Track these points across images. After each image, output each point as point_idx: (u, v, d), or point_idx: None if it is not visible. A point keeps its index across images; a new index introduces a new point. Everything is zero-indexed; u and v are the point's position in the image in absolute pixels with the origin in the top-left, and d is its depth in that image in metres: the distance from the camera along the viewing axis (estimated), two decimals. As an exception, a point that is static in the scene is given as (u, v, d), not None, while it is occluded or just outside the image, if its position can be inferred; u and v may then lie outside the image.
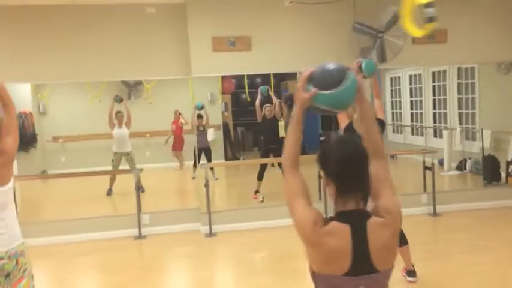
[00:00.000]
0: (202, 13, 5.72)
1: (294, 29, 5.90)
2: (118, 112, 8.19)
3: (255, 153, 11.82)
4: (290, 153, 1.75)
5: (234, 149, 10.68)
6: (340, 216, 1.62)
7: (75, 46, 5.74)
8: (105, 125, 9.35)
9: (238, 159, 10.65)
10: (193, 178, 9.17)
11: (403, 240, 3.94)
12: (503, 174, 7.20)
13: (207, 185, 5.86)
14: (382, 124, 4.08)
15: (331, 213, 1.70)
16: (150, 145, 9.78)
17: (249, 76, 9.22)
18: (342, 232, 1.58)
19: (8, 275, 2.49)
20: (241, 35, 5.75)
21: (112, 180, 7.91)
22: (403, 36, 5.53)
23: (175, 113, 9.62)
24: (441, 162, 8.40)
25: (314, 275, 1.66)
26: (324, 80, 1.67)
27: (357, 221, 1.60)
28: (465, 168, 8.23)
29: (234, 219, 6.06)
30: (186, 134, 9.52)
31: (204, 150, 8.80)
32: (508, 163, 7.19)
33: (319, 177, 6.16)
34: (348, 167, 1.61)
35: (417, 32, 4.07)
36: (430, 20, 3.87)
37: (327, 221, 1.63)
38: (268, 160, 7.26)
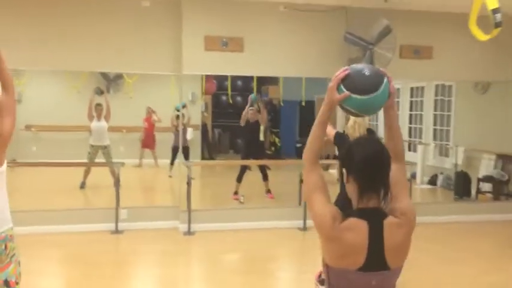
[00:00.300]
0: (196, 11, 5.71)
1: (286, 34, 5.96)
2: (98, 105, 8.07)
3: (231, 156, 11.84)
4: (312, 147, 1.77)
5: (210, 150, 10.66)
6: (359, 213, 1.66)
7: (62, 34, 5.61)
8: (81, 117, 9.15)
9: (214, 160, 10.63)
10: (170, 176, 9.12)
11: None
12: (473, 191, 7.47)
13: (188, 183, 5.83)
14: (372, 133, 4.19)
15: (311, 220, 1.73)
16: (125, 140, 9.61)
17: (231, 78, 9.23)
18: (360, 228, 1.62)
19: None
20: (234, 36, 5.77)
21: (86, 173, 7.75)
22: (392, 49, 5.69)
23: (148, 110, 9.52)
24: (414, 176, 8.63)
25: (328, 269, 1.69)
26: (360, 84, 1.63)
27: (374, 218, 1.64)
28: (436, 183, 8.48)
29: (213, 218, 6.05)
30: (161, 132, 9.46)
31: (182, 148, 8.76)
32: (479, 180, 7.47)
33: (300, 181, 6.26)
34: (372, 166, 1.65)
35: (483, 37, 4.15)
36: (498, 25, 3.93)
37: (345, 216, 1.66)
38: (250, 162, 7.28)
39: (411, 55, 6.16)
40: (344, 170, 1.71)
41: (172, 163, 9.09)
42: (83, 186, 7.76)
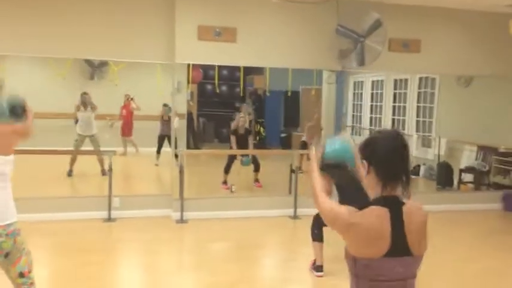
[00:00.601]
0: (190, 0, 5.70)
1: (279, 26, 6.02)
2: (84, 93, 7.95)
3: (215, 145, 11.88)
4: (321, 189, 1.89)
5: (195, 139, 10.68)
6: (379, 201, 1.74)
7: (52, 20, 5.53)
8: (66, 104, 9.06)
9: (199, 149, 10.65)
10: (157, 165, 9.12)
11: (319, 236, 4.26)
12: (455, 181, 7.71)
13: (181, 172, 5.88)
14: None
15: (303, 207, 1.84)
16: (110, 128, 9.53)
17: (217, 67, 9.25)
18: (381, 214, 1.69)
19: (7, 255, 2.46)
20: (227, 26, 5.79)
21: (73, 161, 7.69)
22: (382, 42, 5.81)
23: (127, 98, 9.46)
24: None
25: (355, 261, 1.74)
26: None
27: (394, 205, 1.72)
28: (419, 174, 8.71)
29: (205, 207, 6.11)
30: (147, 120, 9.43)
31: (167, 137, 8.77)
32: (461, 170, 7.73)
33: (291, 171, 6.38)
34: (395, 159, 1.73)
35: None
36: None
37: (363, 207, 1.75)
38: (240, 151, 7.34)
39: (400, 48, 6.30)
40: (365, 162, 1.79)
41: (158, 152, 9.10)
42: (70, 174, 7.71)
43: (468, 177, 7.73)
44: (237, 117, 7.67)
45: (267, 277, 4.51)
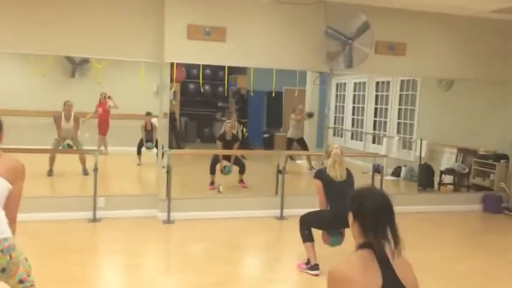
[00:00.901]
0: (180, -1, 5.67)
1: (268, 26, 6.03)
2: (66, 102, 7.72)
3: (198, 145, 11.84)
4: None
5: (178, 139, 10.61)
6: (363, 246, 1.79)
7: (36, 16, 5.41)
8: (46, 101, 8.90)
9: (181, 149, 10.58)
10: (139, 165, 9.03)
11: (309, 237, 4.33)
12: (436, 183, 7.87)
13: (169, 172, 5.83)
14: None
15: (289, 208, 1.85)
16: (91, 126, 9.37)
17: (199, 67, 9.25)
18: (367, 254, 1.75)
19: (3, 270, 2.42)
20: (217, 26, 5.77)
21: (52, 160, 7.54)
22: (370, 44, 5.89)
23: (103, 96, 9.29)
24: (377, 168, 8.96)
25: None
26: None
27: (378, 247, 1.75)
28: (400, 175, 8.86)
29: (192, 207, 6.07)
30: (123, 119, 9.32)
31: (151, 141, 8.72)
32: (442, 172, 7.89)
33: (278, 172, 6.40)
34: (378, 216, 1.79)
35: None
36: None
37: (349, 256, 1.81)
38: (226, 152, 7.31)
39: (386, 51, 6.39)
40: (351, 213, 1.85)
41: (139, 152, 9.01)
42: (50, 174, 7.56)
43: (448, 179, 7.90)
44: (224, 124, 7.65)
45: (253, 277, 4.50)
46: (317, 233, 4.41)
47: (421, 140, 8.05)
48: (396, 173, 8.91)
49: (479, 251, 5.43)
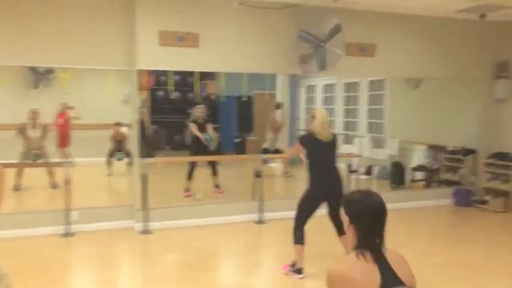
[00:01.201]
0: (151, 4, 5.55)
1: (241, 31, 5.99)
2: (32, 110, 7.46)
3: (168, 152, 11.64)
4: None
5: (148, 147, 10.41)
6: (359, 246, 1.80)
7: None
8: (8, 113, 8.56)
9: (152, 157, 10.39)
10: (109, 175, 8.80)
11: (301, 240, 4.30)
12: (408, 179, 8.02)
13: (144, 181, 5.71)
14: None
15: (267, 212, 1.84)
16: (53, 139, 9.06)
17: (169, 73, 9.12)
18: (364, 255, 1.76)
19: None
20: (189, 32, 5.69)
21: (19, 175, 7.26)
22: (342, 46, 5.94)
23: (63, 107, 8.98)
24: (350, 167, 9.05)
25: None
26: None
27: (373, 247, 1.79)
28: (371, 174, 8.98)
29: (170, 216, 5.96)
30: (91, 129, 9.07)
31: (121, 151, 8.54)
32: (413, 169, 8.05)
33: (256, 175, 6.37)
34: (375, 222, 1.82)
35: None
36: None
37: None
38: (200, 158, 7.23)
39: (357, 52, 6.47)
40: (347, 216, 1.85)
41: (109, 163, 8.79)
42: (18, 188, 7.26)
43: (420, 175, 8.06)
44: (194, 108, 7.49)
45: (232, 284, 4.45)
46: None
47: (393, 138, 8.20)
48: (368, 171, 9.03)
49: (455, 243, 5.58)
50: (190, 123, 7.41)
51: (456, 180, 7.74)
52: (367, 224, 1.80)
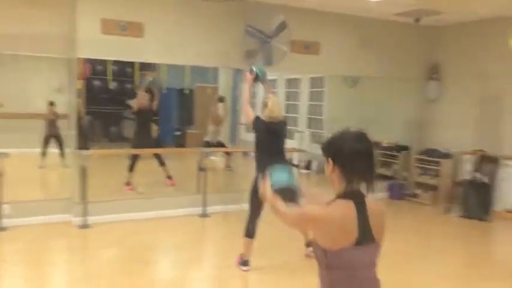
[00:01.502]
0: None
1: (187, 23, 5.91)
2: None
3: (105, 144, 11.24)
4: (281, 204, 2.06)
5: (84, 139, 10.01)
6: (344, 195, 1.83)
7: None
8: None
9: (87, 149, 10.02)
10: (42, 167, 8.37)
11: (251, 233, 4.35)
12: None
13: (83, 174, 5.50)
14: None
15: (211, 205, 1.93)
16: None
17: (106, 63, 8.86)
18: (347, 206, 1.80)
19: None
20: (134, 21, 5.54)
21: None
22: (288, 43, 6.04)
23: None
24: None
25: (326, 253, 1.81)
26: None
27: (358, 198, 1.83)
28: (310, 168, 9.21)
29: (110, 210, 5.80)
30: (22, 119, 8.59)
31: (55, 137, 8.13)
32: (350, 164, 8.33)
33: (200, 169, 6.33)
34: (360, 159, 1.83)
35: None
36: None
37: (330, 202, 1.85)
38: (144, 151, 7.04)
39: (302, 50, 6.60)
40: (330, 160, 1.86)
41: (43, 153, 8.36)
42: None
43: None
44: (139, 95, 7.24)
45: (172, 278, 4.42)
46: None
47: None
48: (308, 166, 9.25)
49: (395, 233, 5.82)
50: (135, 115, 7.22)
51: (390, 175, 8.12)
52: (350, 165, 1.79)
